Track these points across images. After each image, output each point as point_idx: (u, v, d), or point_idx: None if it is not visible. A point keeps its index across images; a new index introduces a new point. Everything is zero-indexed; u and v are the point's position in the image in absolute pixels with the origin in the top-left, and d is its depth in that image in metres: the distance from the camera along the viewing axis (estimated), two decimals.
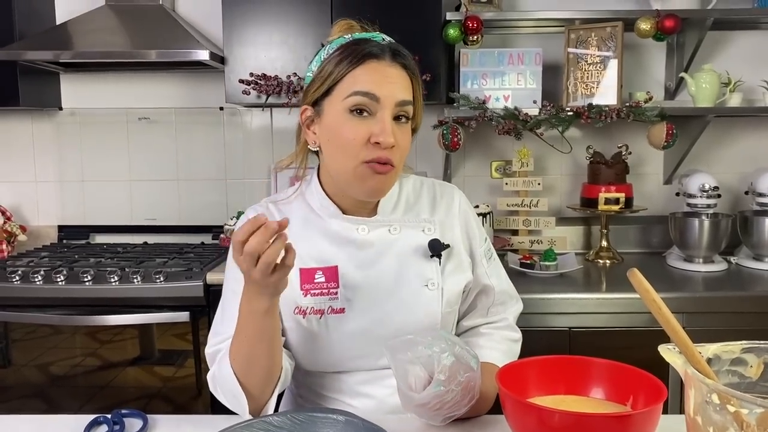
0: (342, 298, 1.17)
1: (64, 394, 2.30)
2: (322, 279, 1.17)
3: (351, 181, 1.14)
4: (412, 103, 1.15)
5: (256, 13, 2.39)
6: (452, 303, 1.24)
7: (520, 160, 2.54)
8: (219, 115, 2.79)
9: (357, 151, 1.10)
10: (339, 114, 1.12)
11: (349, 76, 1.11)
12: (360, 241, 1.20)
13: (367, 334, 1.16)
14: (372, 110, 1.11)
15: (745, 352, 0.77)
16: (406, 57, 1.16)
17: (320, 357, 1.18)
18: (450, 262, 1.24)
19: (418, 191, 1.30)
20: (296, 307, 1.16)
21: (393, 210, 1.25)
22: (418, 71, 1.18)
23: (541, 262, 2.33)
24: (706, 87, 2.43)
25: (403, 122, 1.14)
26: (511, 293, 1.38)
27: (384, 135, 1.09)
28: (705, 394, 0.65)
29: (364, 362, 1.19)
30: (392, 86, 1.11)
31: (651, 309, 0.74)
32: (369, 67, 1.11)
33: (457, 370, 0.97)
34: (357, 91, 1.10)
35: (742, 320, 2.06)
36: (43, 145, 2.84)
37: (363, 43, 1.13)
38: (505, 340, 1.32)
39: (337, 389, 1.21)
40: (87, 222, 2.85)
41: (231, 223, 2.53)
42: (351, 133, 1.10)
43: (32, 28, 2.57)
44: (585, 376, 0.98)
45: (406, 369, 0.99)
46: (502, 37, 2.68)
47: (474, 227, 1.31)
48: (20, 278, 2.22)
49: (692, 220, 2.38)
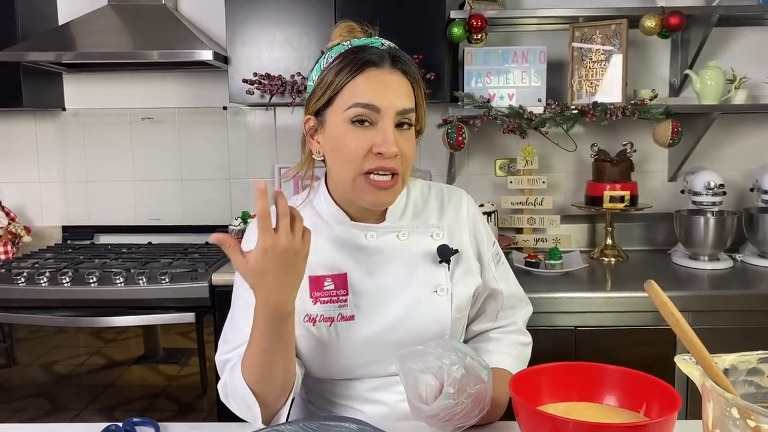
0: (351, 305, 1.17)
1: (69, 393, 2.30)
2: (331, 286, 1.17)
3: (352, 192, 1.15)
4: (414, 109, 1.14)
5: (259, 12, 2.38)
6: (462, 308, 1.24)
7: (525, 159, 2.54)
8: (222, 114, 2.78)
9: (360, 162, 1.10)
10: (341, 125, 1.11)
11: (348, 86, 1.11)
12: (369, 248, 1.20)
13: (376, 341, 1.16)
14: (373, 120, 1.10)
15: (762, 362, 0.77)
16: (406, 62, 1.14)
17: (330, 364, 1.18)
18: (459, 267, 1.24)
19: (425, 196, 1.30)
20: (306, 315, 1.16)
21: (401, 216, 1.24)
22: (419, 75, 1.17)
23: (547, 261, 2.33)
24: (711, 84, 2.42)
25: (405, 129, 1.14)
26: (520, 297, 1.38)
27: (386, 145, 1.09)
28: (724, 408, 0.65)
29: (374, 369, 1.18)
30: (392, 95, 1.11)
31: (669, 321, 0.74)
32: (368, 75, 1.10)
33: (467, 383, 0.97)
34: (357, 102, 1.09)
35: (748, 318, 2.06)
36: (47, 146, 2.83)
37: (362, 51, 1.12)
38: (515, 344, 1.32)
39: (348, 396, 1.21)
40: (91, 222, 2.85)
41: (235, 223, 2.52)
42: (353, 143, 1.10)
43: (35, 28, 2.56)
44: (598, 382, 0.98)
45: (417, 378, 0.99)
46: (506, 35, 2.67)
47: (482, 231, 1.31)
48: (25, 280, 2.23)
49: (697, 218, 2.37)
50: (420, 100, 1.17)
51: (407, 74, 1.14)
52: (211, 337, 2.23)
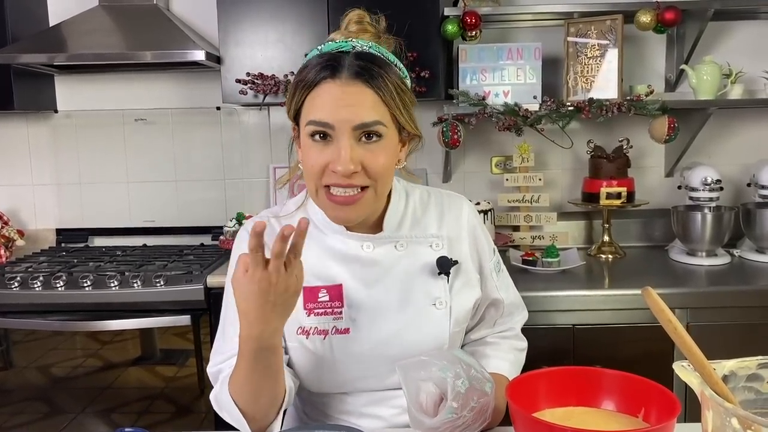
0: (347, 318, 1.13)
1: (66, 396, 2.29)
2: (326, 298, 1.13)
3: (319, 207, 1.13)
4: (379, 121, 1.06)
5: (252, 11, 2.36)
6: (461, 322, 1.21)
7: (521, 156, 2.53)
8: (216, 114, 2.76)
9: (318, 178, 1.08)
10: (305, 138, 1.09)
11: (307, 101, 1.08)
12: (365, 259, 1.16)
13: (372, 355, 1.13)
14: (332, 135, 1.06)
15: (762, 368, 0.76)
16: (370, 70, 1.06)
17: (325, 378, 1.15)
18: (458, 279, 1.21)
19: (425, 204, 1.26)
20: (299, 327, 1.13)
21: (399, 225, 1.20)
22: (391, 82, 1.08)
23: (544, 259, 2.32)
24: (707, 79, 2.41)
25: (374, 141, 1.07)
26: (518, 303, 1.37)
27: (339, 163, 1.04)
28: (724, 418, 0.64)
29: (370, 383, 1.16)
30: (348, 109, 1.04)
31: (666, 329, 0.73)
32: (324, 89, 1.05)
33: (471, 397, 0.96)
34: (311, 120, 1.06)
35: (746, 314, 2.05)
36: (40, 149, 2.81)
37: (323, 62, 1.06)
38: (513, 349, 1.31)
39: (343, 410, 1.18)
40: (85, 225, 2.83)
41: (230, 224, 2.51)
42: (311, 159, 1.07)
43: (25, 29, 2.54)
44: (596, 387, 0.97)
45: (418, 386, 0.97)
46: (500, 31, 2.65)
47: (483, 241, 1.27)
48: (19, 284, 2.21)
49: (695, 214, 2.36)
50: (396, 107, 1.08)
51: (372, 85, 1.05)
52: (207, 338, 2.22)
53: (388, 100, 1.07)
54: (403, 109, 1.10)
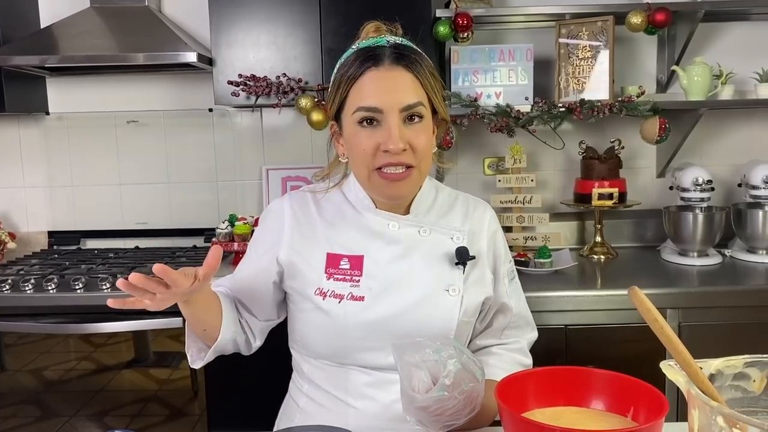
0: (364, 287, 1.21)
1: (59, 399, 2.28)
2: (347, 266, 1.22)
3: (370, 189, 1.23)
4: (420, 103, 1.17)
5: (244, 13, 2.36)
6: (470, 314, 1.26)
7: (513, 157, 2.53)
8: (208, 116, 2.76)
9: (370, 160, 1.17)
10: (352, 127, 1.18)
11: (353, 91, 1.17)
12: (389, 236, 1.25)
13: (381, 327, 1.19)
14: (380, 120, 1.15)
15: (748, 367, 0.76)
16: (409, 57, 1.17)
17: (332, 343, 1.22)
18: (473, 273, 1.27)
19: (452, 202, 1.35)
20: (317, 289, 1.21)
21: (426, 213, 1.29)
22: (426, 67, 1.19)
23: (536, 260, 2.32)
24: (698, 80, 2.42)
25: (416, 122, 1.17)
26: (528, 320, 1.40)
27: (390, 142, 1.14)
28: (710, 416, 0.64)
29: (372, 357, 1.21)
30: (394, 93, 1.15)
31: (653, 328, 0.73)
32: (369, 77, 1.16)
33: (462, 378, 0.97)
34: (360, 106, 1.16)
35: (737, 314, 2.06)
36: (31, 151, 2.80)
37: (363, 53, 1.17)
38: (515, 363, 1.32)
39: (343, 388, 1.23)
40: (77, 227, 2.82)
41: (223, 226, 2.50)
42: (362, 143, 1.16)
43: (16, 31, 2.53)
44: (585, 387, 0.97)
45: (411, 372, 0.99)
46: (492, 33, 2.66)
47: (501, 247, 1.35)
48: (10, 287, 2.20)
49: (686, 214, 2.37)
50: (432, 90, 1.20)
51: (411, 69, 1.17)
52: None
53: (426, 84, 1.19)
54: (438, 92, 1.22)
